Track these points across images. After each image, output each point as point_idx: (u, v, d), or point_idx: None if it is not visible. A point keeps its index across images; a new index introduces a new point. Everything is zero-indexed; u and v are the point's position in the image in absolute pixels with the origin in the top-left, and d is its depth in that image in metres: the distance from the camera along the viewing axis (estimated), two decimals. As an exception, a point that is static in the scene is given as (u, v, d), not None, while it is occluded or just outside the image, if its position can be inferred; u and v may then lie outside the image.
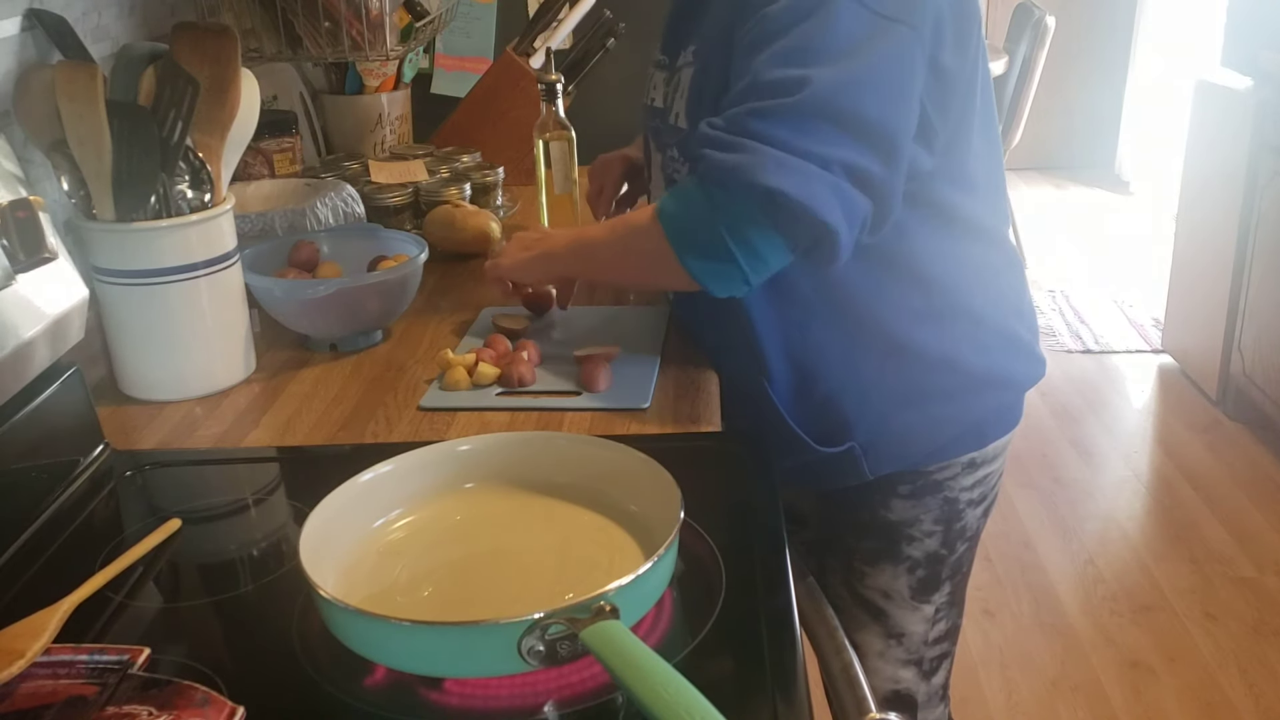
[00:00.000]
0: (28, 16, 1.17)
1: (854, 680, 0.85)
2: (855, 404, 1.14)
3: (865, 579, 1.23)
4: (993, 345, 1.16)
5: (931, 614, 1.24)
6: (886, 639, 1.24)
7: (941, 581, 1.23)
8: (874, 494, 1.20)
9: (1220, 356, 3.21)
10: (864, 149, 0.92)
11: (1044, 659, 2.29)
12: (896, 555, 1.21)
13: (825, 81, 0.90)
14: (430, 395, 1.17)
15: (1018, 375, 1.20)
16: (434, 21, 1.86)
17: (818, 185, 0.90)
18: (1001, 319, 1.17)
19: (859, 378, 1.13)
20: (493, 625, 0.72)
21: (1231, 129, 3.08)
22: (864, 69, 0.92)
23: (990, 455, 1.21)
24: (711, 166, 0.95)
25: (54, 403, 1.01)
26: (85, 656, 0.73)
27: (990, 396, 1.18)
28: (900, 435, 1.15)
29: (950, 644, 1.29)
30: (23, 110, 1.12)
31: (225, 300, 1.20)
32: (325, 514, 0.84)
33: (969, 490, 1.21)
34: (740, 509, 0.95)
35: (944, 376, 1.14)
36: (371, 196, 1.65)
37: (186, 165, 1.16)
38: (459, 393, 1.17)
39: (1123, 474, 3.00)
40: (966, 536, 1.23)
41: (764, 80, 0.94)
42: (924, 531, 1.21)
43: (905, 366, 1.12)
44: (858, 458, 1.15)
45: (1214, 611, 2.43)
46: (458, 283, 1.55)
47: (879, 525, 1.21)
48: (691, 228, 1.00)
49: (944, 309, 1.12)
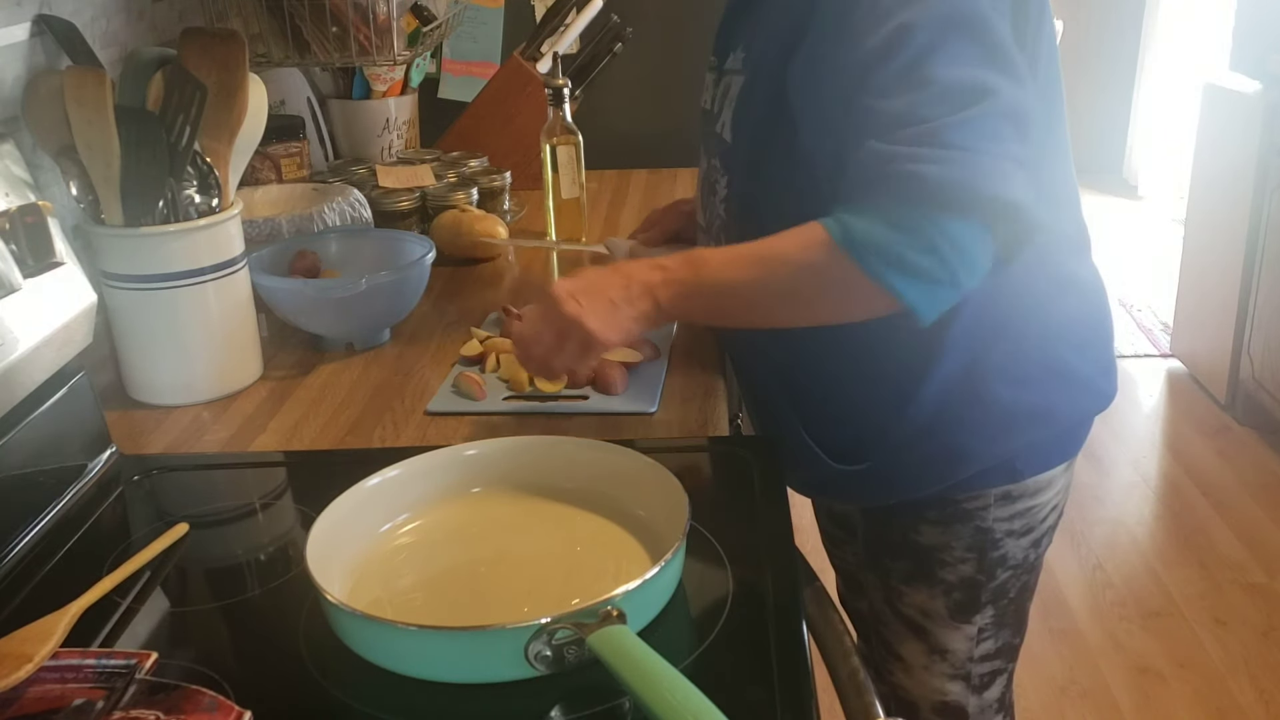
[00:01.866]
0: (36, 22, 1.17)
1: (861, 686, 0.84)
2: (874, 428, 1.09)
3: (903, 597, 1.19)
4: (1032, 378, 1.08)
5: (975, 633, 1.19)
6: (930, 654, 1.20)
7: (982, 605, 1.17)
8: (904, 516, 1.16)
9: (1229, 361, 3.20)
10: (1026, 144, 0.91)
11: (1052, 665, 2.28)
12: (931, 578, 1.17)
13: (1004, 85, 0.89)
14: (440, 399, 1.17)
15: (1062, 410, 1.11)
16: (441, 26, 1.86)
17: (1022, 183, 0.89)
18: (1048, 350, 1.08)
19: (877, 403, 1.08)
20: (500, 630, 0.72)
21: (1240, 133, 3.07)
22: (1015, 63, 0.92)
23: (1032, 489, 1.13)
24: (917, 181, 0.87)
25: (62, 407, 1.01)
26: (93, 661, 0.73)
27: (1024, 433, 1.09)
28: (918, 464, 1.10)
29: (1005, 661, 1.23)
30: (32, 116, 1.12)
31: (233, 305, 1.20)
32: (332, 519, 0.84)
33: (1007, 521, 1.14)
34: (747, 514, 0.95)
35: (970, 410, 1.07)
36: (379, 201, 1.65)
37: (194, 170, 1.16)
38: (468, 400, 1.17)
39: (1131, 479, 2.99)
40: (1010, 565, 1.16)
41: (943, 87, 0.89)
42: (956, 557, 1.15)
43: (924, 395, 1.06)
44: (875, 478, 1.11)
45: (1224, 617, 2.42)
46: (464, 287, 1.55)
47: (911, 547, 1.17)
48: (896, 248, 0.88)
49: (973, 337, 1.03)
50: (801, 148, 1.01)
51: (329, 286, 1.28)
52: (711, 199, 1.13)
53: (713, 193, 1.13)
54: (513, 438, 1.01)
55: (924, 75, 0.89)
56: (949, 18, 0.90)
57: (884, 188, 0.89)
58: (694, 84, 1.23)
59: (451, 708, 0.72)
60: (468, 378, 1.18)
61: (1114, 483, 2.97)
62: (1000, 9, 0.94)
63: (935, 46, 0.89)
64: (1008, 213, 0.89)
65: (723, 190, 1.10)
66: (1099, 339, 1.15)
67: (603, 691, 0.72)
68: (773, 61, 1.01)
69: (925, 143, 0.87)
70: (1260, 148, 2.97)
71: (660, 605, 0.79)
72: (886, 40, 0.90)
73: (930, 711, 1.23)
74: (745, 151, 1.07)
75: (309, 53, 1.60)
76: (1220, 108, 3.22)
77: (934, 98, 0.88)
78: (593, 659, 0.70)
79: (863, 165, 0.91)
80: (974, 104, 0.88)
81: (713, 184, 1.12)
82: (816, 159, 1.00)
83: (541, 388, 1.16)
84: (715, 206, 1.13)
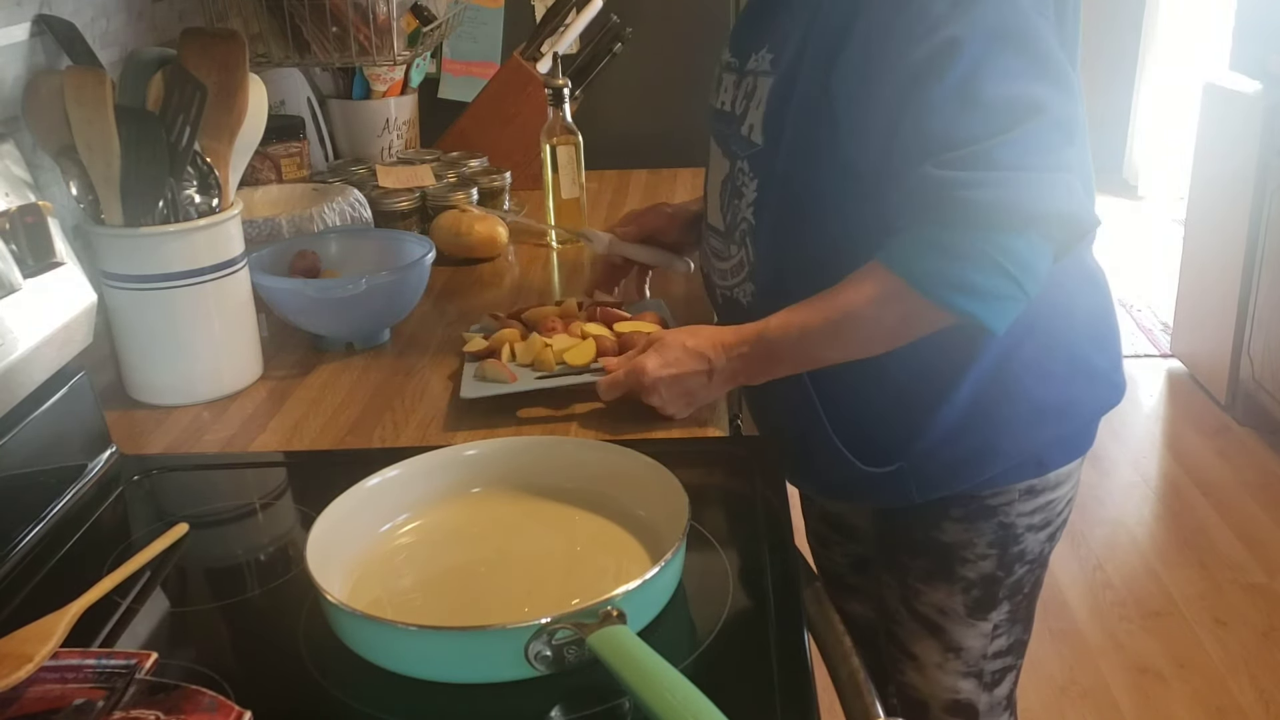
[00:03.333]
0: (36, 22, 1.17)
1: (861, 687, 0.84)
2: (904, 429, 1.09)
3: (920, 596, 1.19)
4: (1059, 374, 1.10)
5: (990, 630, 1.20)
6: (944, 652, 1.21)
7: (999, 601, 1.18)
8: (926, 514, 1.15)
9: (1229, 361, 3.20)
10: (1074, 145, 0.93)
11: (1052, 665, 2.28)
12: (951, 575, 1.17)
13: (1053, 97, 0.90)
14: (470, 386, 1.14)
15: (1084, 404, 1.14)
16: (441, 26, 1.86)
17: (1075, 192, 0.91)
18: (1073, 345, 1.11)
19: (912, 405, 1.08)
20: (500, 630, 0.72)
21: (1240, 133, 3.07)
22: (1063, 70, 0.93)
23: (1053, 482, 1.15)
24: (973, 207, 0.88)
25: (62, 407, 1.01)
26: (93, 661, 0.73)
27: (1050, 428, 1.11)
28: (950, 463, 1.10)
29: (1015, 658, 1.24)
30: (32, 116, 1.12)
31: (233, 305, 1.20)
32: (332, 519, 0.84)
33: (1028, 516, 1.15)
34: (748, 514, 0.95)
35: (1000, 407, 1.08)
36: (379, 201, 1.65)
37: (194, 170, 1.16)
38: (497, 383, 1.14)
39: (1131, 479, 2.99)
40: (1027, 560, 1.18)
41: (993, 105, 0.89)
42: (978, 554, 1.16)
43: (957, 395, 1.07)
44: (905, 479, 1.11)
45: (1224, 617, 2.42)
46: (464, 287, 1.55)
47: (932, 546, 1.16)
48: (962, 275, 0.91)
49: (1009, 334, 1.01)
50: (843, 152, 1.01)
51: (329, 286, 1.28)
52: (737, 202, 1.11)
53: (738, 195, 1.11)
54: (512, 438, 1.01)
55: (973, 94, 0.89)
56: (997, 30, 0.90)
57: (940, 214, 0.91)
58: (693, 84, 1.22)
59: (451, 708, 0.72)
60: (494, 364, 1.16)
61: (1114, 483, 2.97)
62: (1044, 11, 0.94)
63: (984, 61, 0.89)
64: (1063, 224, 0.91)
65: (751, 194, 1.08)
66: (1112, 333, 1.17)
67: (603, 692, 0.72)
68: (812, 66, 1.00)
69: (978, 165, 0.88)
70: (1260, 147, 2.97)
71: (660, 605, 0.79)
72: (935, 54, 0.90)
73: (941, 710, 1.23)
74: (782, 155, 1.04)
75: (309, 53, 1.60)
76: (1220, 108, 3.22)
77: (984, 117, 0.89)
78: (593, 659, 0.70)
79: (917, 191, 0.92)
80: (1024, 121, 0.89)
81: (738, 188, 1.10)
82: (860, 164, 1.00)
83: (570, 361, 1.14)
84: (740, 210, 1.10)
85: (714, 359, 1.04)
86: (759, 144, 1.06)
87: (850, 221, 1.03)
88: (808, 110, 1.01)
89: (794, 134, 1.03)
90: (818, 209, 1.05)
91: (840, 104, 0.99)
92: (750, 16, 1.12)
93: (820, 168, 1.03)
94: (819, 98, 1.00)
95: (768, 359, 1.03)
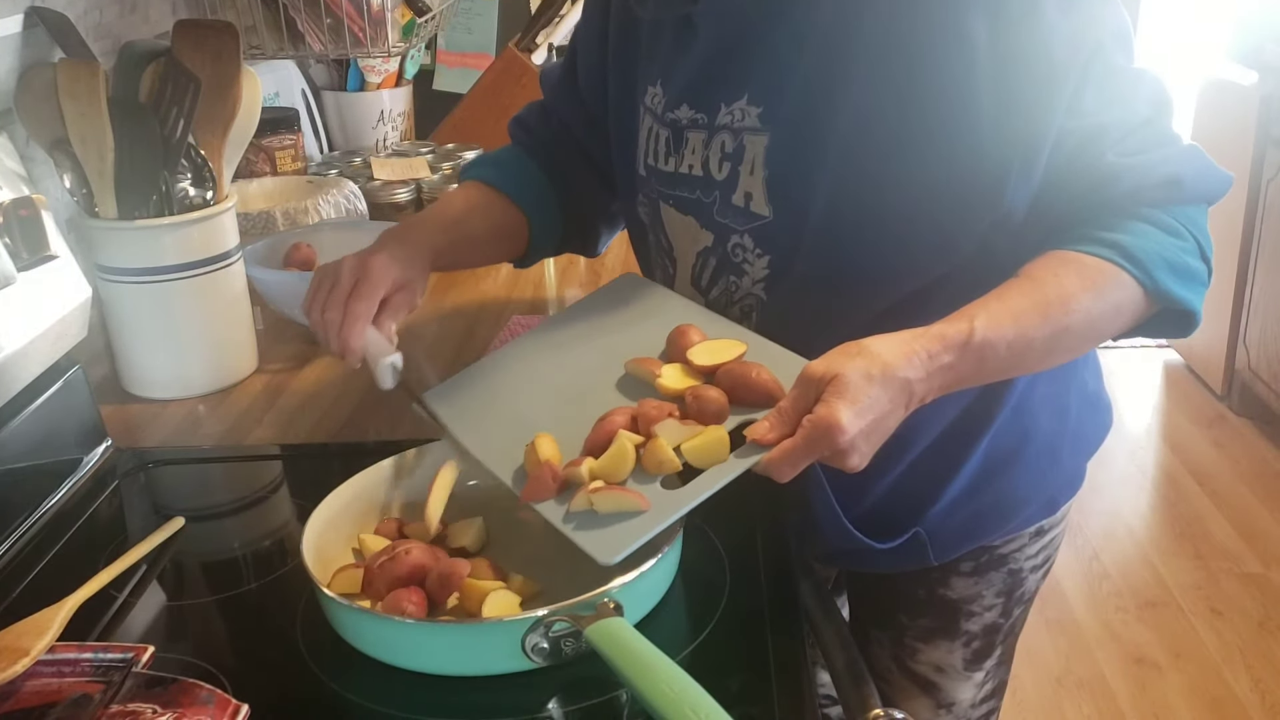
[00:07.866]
0: (29, 14, 1.17)
1: (859, 676, 0.84)
2: (917, 497, 0.99)
3: (917, 655, 1.13)
4: (1071, 407, 1.03)
5: (982, 679, 1.15)
6: (936, 709, 1.15)
7: (995, 647, 1.14)
8: (933, 574, 1.07)
9: (1226, 351, 3.21)
10: None
11: (1049, 655, 2.29)
12: (953, 632, 1.11)
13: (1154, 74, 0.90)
14: (598, 542, 0.76)
15: (1091, 435, 1.08)
16: (436, 18, 1.85)
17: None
18: (1080, 372, 1.05)
19: (931, 473, 0.98)
20: (497, 623, 0.72)
21: (1237, 123, 3.07)
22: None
23: (1058, 519, 1.10)
24: (1175, 184, 0.86)
25: (57, 401, 1.01)
26: (89, 655, 0.73)
27: (1064, 464, 1.05)
28: (968, 522, 1.02)
29: (998, 700, 1.19)
30: (25, 108, 1.12)
31: (228, 298, 1.20)
32: (328, 512, 0.84)
33: (1034, 558, 1.10)
34: (743, 506, 0.94)
35: (1017, 452, 1.00)
36: (374, 193, 1.65)
37: (188, 163, 1.16)
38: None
39: (1127, 470, 3.00)
40: (1025, 600, 1.13)
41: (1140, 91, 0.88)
42: (985, 606, 1.10)
43: (977, 451, 0.97)
44: (923, 545, 1.01)
45: (1220, 607, 2.42)
46: (459, 279, 1.55)
47: (937, 604, 1.09)
48: (1176, 256, 0.85)
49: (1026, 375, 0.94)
50: (889, 204, 0.86)
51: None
52: (738, 280, 0.96)
53: (737, 273, 0.96)
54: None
55: (1122, 85, 0.87)
56: (1120, 30, 0.88)
57: (1144, 196, 0.85)
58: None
59: (449, 700, 0.72)
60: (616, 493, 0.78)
61: (1110, 474, 2.97)
62: None
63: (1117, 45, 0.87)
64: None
65: (760, 271, 0.94)
66: (1097, 361, 1.12)
67: (600, 684, 0.72)
68: (824, 111, 0.86)
69: (1160, 144, 0.86)
70: (1257, 138, 2.97)
71: (657, 597, 0.79)
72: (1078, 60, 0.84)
73: None
74: (805, 226, 0.90)
75: (303, 45, 1.60)
76: (1217, 98, 3.22)
77: (1141, 102, 0.87)
78: (590, 651, 0.70)
79: (1105, 179, 0.85)
80: (1163, 98, 0.89)
81: (737, 265, 0.95)
82: (917, 206, 0.86)
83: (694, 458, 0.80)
84: (744, 287, 0.96)
85: (915, 384, 0.78)
86: (765, 216, 0.91)
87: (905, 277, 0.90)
88: (832, 168, 0.87)
89: (819, 197, 0.88)
90: (865, 272, 0.90)
91: (881, 140, 0.85)
92: (708, 62, 0.93)
93: (865, 230, 0.88)
94: (846, 150, 0.86)
95: (976, 369, 0.81)
